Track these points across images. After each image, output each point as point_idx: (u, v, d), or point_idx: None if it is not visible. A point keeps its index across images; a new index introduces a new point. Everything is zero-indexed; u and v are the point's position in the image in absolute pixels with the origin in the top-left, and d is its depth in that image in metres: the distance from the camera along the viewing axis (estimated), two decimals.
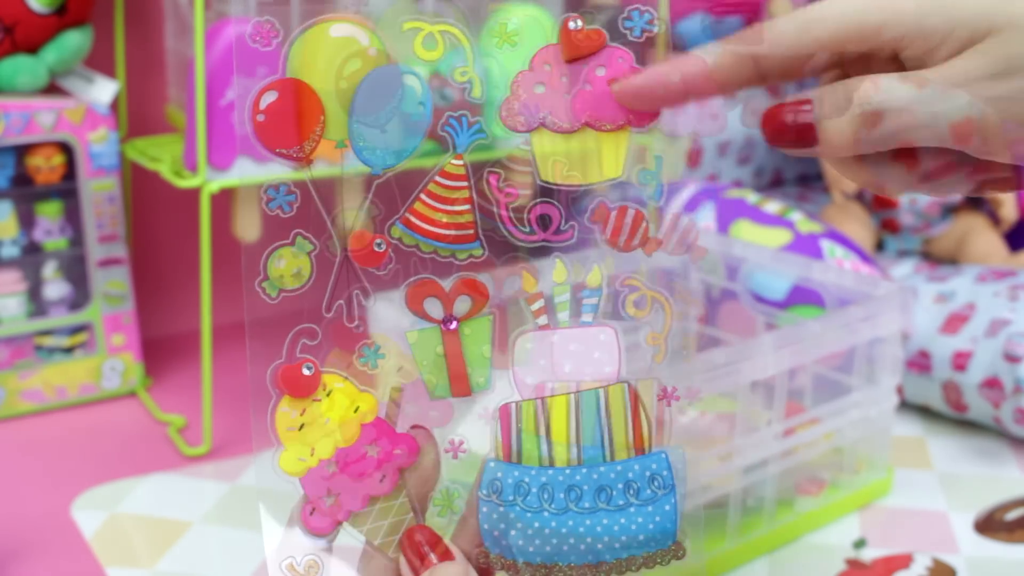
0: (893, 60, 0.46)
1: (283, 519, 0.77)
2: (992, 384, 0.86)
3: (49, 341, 0.94)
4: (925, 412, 0.94)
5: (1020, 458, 0.86)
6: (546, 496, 0.46)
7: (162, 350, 1.06)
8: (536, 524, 0.46)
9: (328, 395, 0.46)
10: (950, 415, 0.91)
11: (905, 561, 0.72)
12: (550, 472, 0.46)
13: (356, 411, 0.46)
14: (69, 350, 0.95)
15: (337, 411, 0.46)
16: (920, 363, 0.90)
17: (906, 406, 0.93)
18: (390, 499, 0.46)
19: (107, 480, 0.81)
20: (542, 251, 0.47)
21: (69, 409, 0.94)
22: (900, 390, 0.84)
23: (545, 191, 0.47)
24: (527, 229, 0.46)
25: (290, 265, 0.45)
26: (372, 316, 0.47)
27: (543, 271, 0.47)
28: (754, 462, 0.70)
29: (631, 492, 0.46)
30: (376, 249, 0.46)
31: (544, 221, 0.47)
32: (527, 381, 0.47)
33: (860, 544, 0.74)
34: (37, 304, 0.94)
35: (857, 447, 0.78)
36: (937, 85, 0.43)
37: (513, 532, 0.46)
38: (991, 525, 0.76)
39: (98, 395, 0.96)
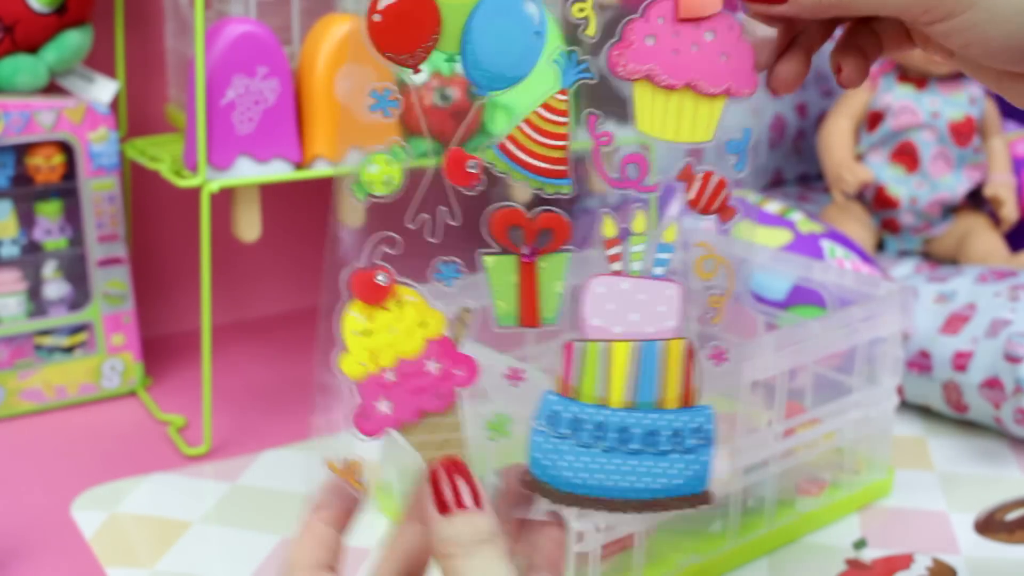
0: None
1: (281, 525, 0.77)
2: (992, 384, 0.85)
3: (49, 341, 0.94)
4: (925, 412, 0.94)
5: (1020, 458, 0.86)
6: (599, 434, 0.48)
7: (162, 350, 1.06)
8: (586, 459, 0.48)
9: (398, 306, 0.46)
10: (950, 415, 0.91)
11: (905, 561, 0.72)
12: (606, 412, 0.48)
13: (423, 326, 0.47)
14: (69, 350, 0.95)
15: (405, 323, 0.46)
16: (920, 363, 0.90)
17: (906, 406, 0.93)
18: (443, 416, 0.47)
19: (107, 480, 0.81)
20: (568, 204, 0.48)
21: (69, 409, 0.94)
22: (900, 390, 0.84)
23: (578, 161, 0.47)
24: (616, 175, 0.47)
25: (382, 172, 0.46)
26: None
27: (623, 220, 0.48)
28: (754, 462, 0.70)
29: (676, 440, 0.48)
30: (469, 169, 0.46)
31: (631, 171, 0.48)
32: (593, 323, 0.48)
33: (860, 544, 0.74)
34: (37, 304, 0.94)
35: (857, 447, 0.78)
36: None
37: (562, 463, 0.48)
38: (991, 525, 0.76)
39: (98, 395, 0.96)
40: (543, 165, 0.47)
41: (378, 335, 0.46)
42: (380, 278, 0.46)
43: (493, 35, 0.46)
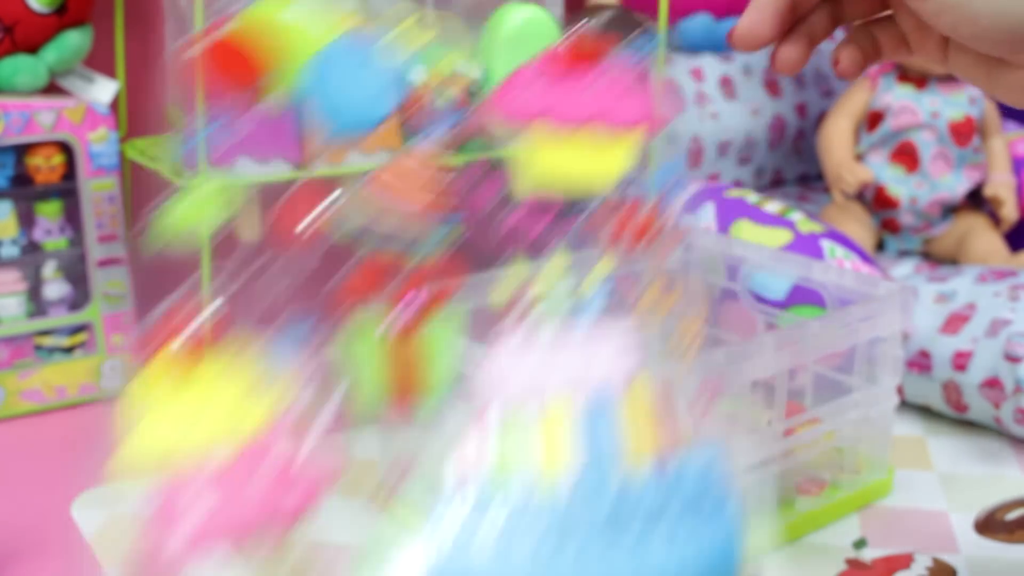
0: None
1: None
2: (992, 384, 0.85)
3: (49, 341, 0.94)
4: (925, 412, 0.94)
5: (1020, 458, 0.86)
6: (541, 521, 0.33)
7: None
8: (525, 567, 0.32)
9: (217, 377, 0.33)
10: (950, 415, 0.91)
11: (905, 561, 0.72)
12: (550, 489, 0.33)
13: (265, 395, 0.33)
14: (69, 350, 0.95)
15: (237, 390, 0.33)
16: (920, 363, 0.90)
17: (906, 406, 0.93)
18: (299, 526, 0.32)
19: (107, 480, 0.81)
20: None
21: (69, 409, 0.94)
22: (900, 390, 0.84)
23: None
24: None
25: (192, 212, 0.38)
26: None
27: (531, 278, 0.39)
28: (754, 462, 0.70)
29: (658, 512, 0.32)
30: (301, 230, 0.38)
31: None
32: (510, 390, 0.35)
33: (860, 544, 0.74)
34: (37, 304, 0.94)
35: (857, 447, 0.78)
36: None
37: None
38: (991, 525, 0.76)
39: (98, 395, 0.96)
40: (418, 209, 0.38)
41: (194, 403, 0.32)
42: (196, 327, 0.32)
43: (342, 82, 0.41)
